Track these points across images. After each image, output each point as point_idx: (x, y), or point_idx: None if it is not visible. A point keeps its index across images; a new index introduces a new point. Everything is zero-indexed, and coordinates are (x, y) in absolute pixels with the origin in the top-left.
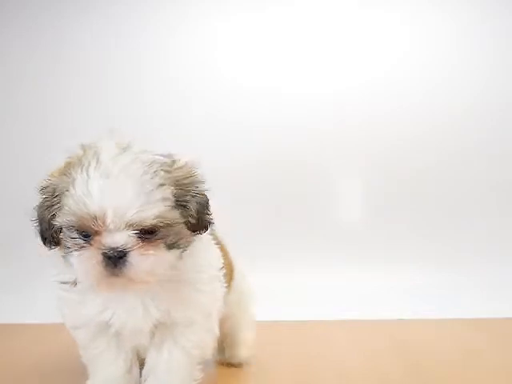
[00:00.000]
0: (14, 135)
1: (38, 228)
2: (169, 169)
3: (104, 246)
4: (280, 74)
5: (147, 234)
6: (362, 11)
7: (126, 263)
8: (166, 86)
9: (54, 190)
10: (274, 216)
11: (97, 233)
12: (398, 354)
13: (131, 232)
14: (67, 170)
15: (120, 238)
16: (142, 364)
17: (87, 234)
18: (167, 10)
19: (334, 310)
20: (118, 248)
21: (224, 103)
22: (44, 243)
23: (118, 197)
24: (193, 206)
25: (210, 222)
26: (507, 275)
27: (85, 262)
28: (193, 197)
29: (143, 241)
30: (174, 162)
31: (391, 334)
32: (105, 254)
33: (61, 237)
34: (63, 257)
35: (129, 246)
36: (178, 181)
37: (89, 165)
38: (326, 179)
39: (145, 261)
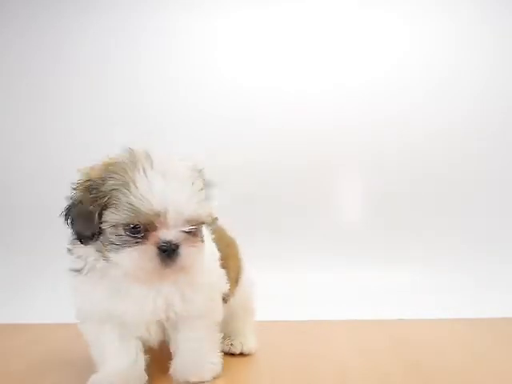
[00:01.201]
0: (13, 135)
1: (78, 223)
2: (201, 172)
3: (160, 240)
4: (280, 73)
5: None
6: (361, 11)
7: (178, 255)
8: (165, 85)
9: (100, 187)
10: (274, 216)
11: (152, 229)
12: (398, 354)
13: (186, 228)
14: (117, 169)
15: (175, 233)
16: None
17: (137, 231)
18: (167, 10)
19: (334, 310)
20: (172, 242)
21: (224, 103)
22: (81, 238)
23: (177, 196)
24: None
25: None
26: (507, 275)
27: (140, 256)
28: (210, 196)
29: (189, 235)
30: (200, 166)
31: (391, 334)
32: (161, 248)
33: (104, 235)
34: (100, 251)
35: (180, 239)
36: (206, 181)
37: (145, 167)
38: (326, 179)
39: (192, 253)
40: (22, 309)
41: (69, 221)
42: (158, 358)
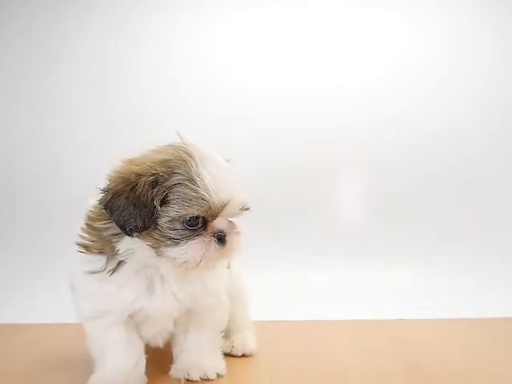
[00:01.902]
0: (13, 135)
1: (124, 214)
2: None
3: (217, 229)
4: (280, 73)
5: None
6: (362, 11)
7: (228, 241)
8: (165, 85)
9: (164, 182)
10: (274, 216)
11: (210, 220)
12: (398, 354)
13: (241, 214)
14: (176, 164)
15: (226, 221)
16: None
17: (195, 223)
18: (167, 10)
19: (334, 310)
20: (225, 230)
21: (224, 103)
22: (126, 230)
23: (236, 186)
24: None
25: None
26: (507, 275)
27: (201, 248)
28: None
29: (230, 223)
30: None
31: (391, 334)
32: (218, 237)
33: (159, 230)
34: (154, 247)
35: (228, 227)
36: None
37: (203, 161)
38: (326, 179)
39: (238, 237)
40: (21, 309)
41: (114, 211)
42: (158, 359)
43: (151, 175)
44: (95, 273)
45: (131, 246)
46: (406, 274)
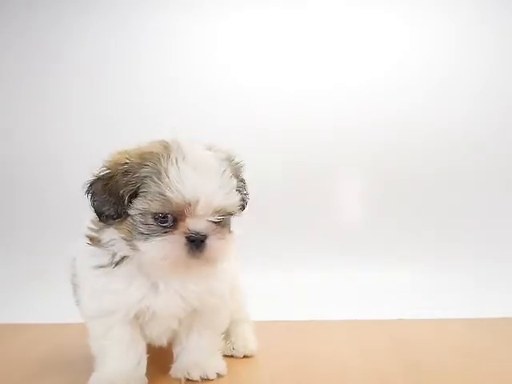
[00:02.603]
0: (13, 135)
1: (99, 200)
2: (230, 162)
3: (189, 230)
4: (280, 73)
5: (218, 220)
6: (362, 11)
7: (206, 246)
8: (165, 85)
9: (135, 173)
10: (274, 216)
11: (180, 219)
12: (398, 354)
13: (214, 218)
14: (152, 158)
15: (203, 223)
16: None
17: (165, 221)
18: (167, 10)
19: (334, 310)
20: (201, 232)
21: (224, 103)
22: (101, 217)
23: (207, 186)
24: (243, 191)
25: (247, 201)
26: (507, 275)
27: (167, 246)
28: (241, 181)
29: (217, 226)
30: (229, 154)
31: (391, 334)
32: (189, 238)
33: (130, 222)
34: (127, 239)
35: (209, 230)
36: (235, 171)
37: (177, 158)
38: (326, 179)
39: (220, 244)
40: (21, 309)
41: (92, 196)
42: (159, 359)
43: (124, 164)
44: (101, 267)
45: (112, 237)
46: (406, 273)
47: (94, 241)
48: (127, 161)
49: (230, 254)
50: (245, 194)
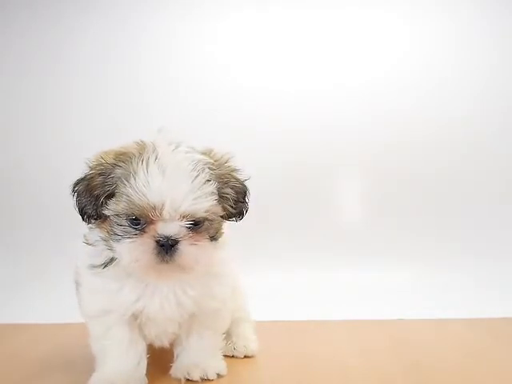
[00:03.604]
0: (13, 135)
1: (81, 200)
2: (212, 166)
3: (158, 234)
4: (280, 73)
5: (194, 225)
6: (361, 11)
7: (177, 251)
8: (165, 85)
9: (110, 173)
10: (274, 216)
11: (151, 222)
12: (398, 354)
13: (183, 223)
14: (125, 159)
15: (173, 228)
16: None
17: (137, 223)
18: (167, 10)
19: (334, 310)
20: (171, 237)
21: (224, 103)
22: (83, 217)
23: (174, 190)
24: (231, 197)
25: (246, 209)
26: (507, 275)
27: (137, 248)
28: (232, 188)
29: (191, 232)
30: (215, 158)
31: (391, 334)
32: (158, 242)
33: (109, 223)
34: (106, 240)
35: (180, 235)
36: (219, 175)
37: (148, 160)
38: (326, 179)
39: (193, 250)
40: (21, 309)
41: (75, 196)
42: (159, 359)
43: (99, 164)
44: (95, 267)
45: (96, 237)
46: (406, 273)
47: (87, 240)
48: (102, 161)
49: (209, 259)
50: (236, 201)
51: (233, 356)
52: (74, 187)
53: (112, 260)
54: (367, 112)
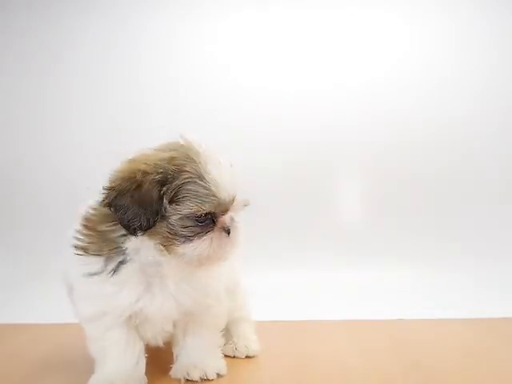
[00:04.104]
0: (13, 135)
1: (128, 213)
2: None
3: (226, 224)
4: (280, 73)
5: None
6: (362, 11)
7: (232, 235)
8: (165, 85)
9: (174, 181)
10: (274, 216)
11: (219, 215)
12: (398, 354)
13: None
14: (183, 162)
15: (230, 217)
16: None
17: (203, 220)
18: (167, 10)
19: (334, 310)
20: (229, 224)
21: (224, 103)
22: (130, 229)
23: (238, 184)
24: None
25: None
26: (507, 275)
27: (214, 242)
28: None
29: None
30: None
31: (391, 334)
32: (227, 231)
33: (166, 228)
34: (165, 245)
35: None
36: None
37: (206, 159)
38: (326, 179)
39: (240, 231)
40: (21, 309)
41: (119, 210)
42: (158, 359)
43: (159, 173)
44: (95, 274)
45: (138, 246)
46: (406, 273)
47: (82, 250)
48: (162, 169)
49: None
50: None
51: (234, 356)
52: (115, 201)
53: (119, 265)
54: (367, 112)
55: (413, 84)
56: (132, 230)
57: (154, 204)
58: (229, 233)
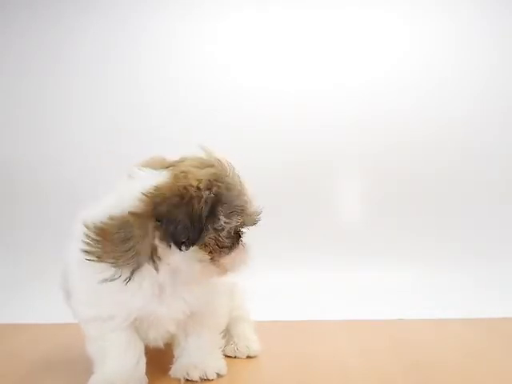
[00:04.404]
0: (13, 135)
1: (186, 227)
2: None
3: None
4: (280, 73)
5: None
6: (362, 11)
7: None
8: (165, 85)
9: (221, 195)
10: (274, 216)
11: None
12: (398, 354)
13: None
14: (223, 177)
15: None
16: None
17: (241, 231)
18: (167, 10)
19: (334, 310)
20: None
21: (224, 103)
22: (182, 245)
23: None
24: None
25: None
26: (507, 275)
27: (243, 253)
28: None
29: None
30: None
31: (391, 334)
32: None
33: (215, 241)
34: (214, 259)
35: None
36: None
37: (234, 173)
38: (326, 179)
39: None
40: (21, 309)
41: (171, 223)
42: (159, 360)
43: (213, 190)
44: (107, 281)
45: (185, 259)
46: (406, 273)
47: (95, 256)
48: (214, 186)
49: None
50: None
51: (235, 357)
52: (168, 215)
53: (133, 273)
54: (367, 112)
55: (413, 84)
56: (180, 244)
57: (203, 220)
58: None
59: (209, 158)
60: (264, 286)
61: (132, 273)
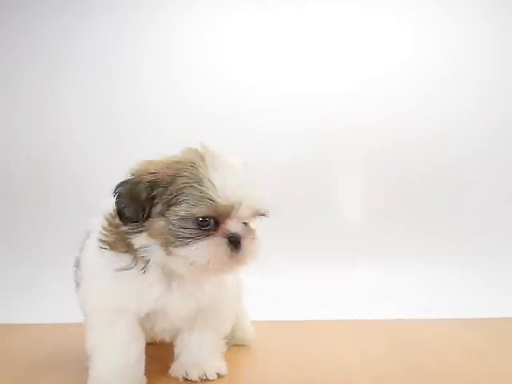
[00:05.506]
0: (14, 134)
1: (120, 202)
2: (253, 168)
3: (230, 232)
4: (280, 74)
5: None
6: (362, 12)
7: (243, 247)
8: (165, 86)
9: (170, 186)
10: (274, 216)
11: (221, 221)
12: (398, 354)
13: (252, 219)
14: (185, 167)
15: (241, 225)
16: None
17: (206, 224)
18: (167, 10)
19: (334, 310)
20: (239, 233)
21: (224, 104)
22: (121, 218)
23: (249, 189)
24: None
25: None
26: (507, 275)
27: (212, 247)
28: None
29: (247, 228)
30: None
31: (391, 334)
32: (230, 239)
33: (167, 228)
34: (163, 246)
35: (244, 232)
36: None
37: (215, 163)
38: (326, 179)
39: (254, 244)
40: (21, 309)
41: (116, 197)
42: (158, 359)
43: (152, 175)
44: (123, 270)
45: (144, 243)
46: (406, 273)
47: (109, 245)
48: (154, 172)
49: (259, 254)
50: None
51: (232, 345)
52: (117, 188)
53: (148, 262)
54: (367, 112)
55: (414, 85)
56: (123, 219)
57: (141, 202)
58: (233, 242)
59: (186, 155)
60: (264, 286)
61: (147, 263)
